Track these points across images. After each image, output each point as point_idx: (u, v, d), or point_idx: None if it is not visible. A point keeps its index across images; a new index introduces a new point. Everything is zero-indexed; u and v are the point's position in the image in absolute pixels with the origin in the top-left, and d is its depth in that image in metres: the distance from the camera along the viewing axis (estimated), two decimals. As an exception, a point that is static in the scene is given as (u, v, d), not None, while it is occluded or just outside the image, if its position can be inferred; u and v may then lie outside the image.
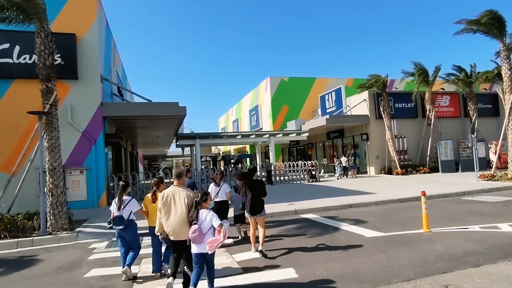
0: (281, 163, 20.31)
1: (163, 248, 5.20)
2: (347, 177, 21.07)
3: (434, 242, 6.03)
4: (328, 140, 27.40)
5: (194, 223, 3.95)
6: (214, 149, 57.33)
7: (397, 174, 20.00)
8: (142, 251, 5.57)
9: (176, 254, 4.36)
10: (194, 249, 3.99)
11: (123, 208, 4.95)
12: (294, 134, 23.65)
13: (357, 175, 21.75)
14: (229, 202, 7.22)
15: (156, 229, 4.41)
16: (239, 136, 22.18)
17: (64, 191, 8.92)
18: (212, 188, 7.14)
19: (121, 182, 5.26)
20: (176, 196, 4.21)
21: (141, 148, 35.29)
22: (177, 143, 21.64)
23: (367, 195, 12.25)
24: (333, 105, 25.03)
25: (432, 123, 21.47)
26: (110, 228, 5.14)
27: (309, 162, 20.11)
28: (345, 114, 23.39)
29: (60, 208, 8.74)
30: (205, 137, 21.18)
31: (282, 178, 19.76)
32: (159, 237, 4.44)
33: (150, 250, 5.34)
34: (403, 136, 22.04)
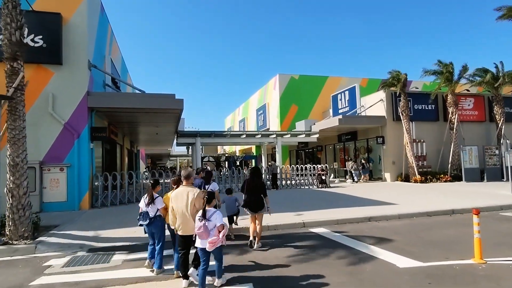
0: (288, 166, 18.64)
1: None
2: (355, 182, 19.37)
3: (498, 280, 4.36)
4: (340, 143, 25.65)
5: (200, 220, 4.17)
6: (220, 150, 55.97)
7: (416, 181, 18.19)
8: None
9: (184, 251, 4.60)
10: (199, 243, 4.25)
11: (150, 205, 5.13)
12: (303, 135, 21.98)
13: (370, 181, 20.02)
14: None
15: (171, 225, 4.76)
16: (244, 136, 20.59)
17: (27, 191, 7.44)
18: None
19: (150, 180, 5.47)
20: (184, 195, 4.54)
21: (143, 146, 34.02)
22: (177, 141, 20.19)
23: (387, 206, 10.56)
24: (346, 105, 23.30)
25: (454, 127, 19.62)
26: (140, 225, 5.27)
27: (319, 166, 18.42)
28: (360, 114, 21.65)
29: (21, 212, 7.27)
30: (206, 135, 19.63)
31: (288, 182, 18.11)
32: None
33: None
34: (422, 140, 20.21)
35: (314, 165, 18.76)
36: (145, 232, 5.32)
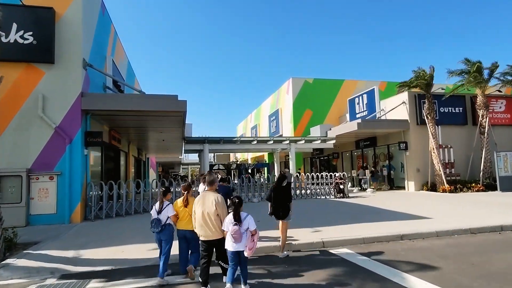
0: (303, 174, 17.21)
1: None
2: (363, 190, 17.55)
3: None
4: (357, 150, 24.06)
5: (234, 224, 4.31)
6: (232, 158, 54.88)
7: (444, 191, 16.46)
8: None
9: (206, 258, 4.56)
10: (230, 247, 4.34)
11: (161, 212, 5.11)
12: (319, 141, 20.54)
13: (391, 190, 18.39)
14: None
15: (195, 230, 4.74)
16: (255, 142, 19.31)
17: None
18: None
19: (161, 188, 5.57)
20: (206, 200, 4.57)
21: (153, 154, 33.19)
22: (185, 148, 19.09)
23: (420, 220, 9.04)
24: (365, 109, 21.80)
25: (486, 131, 17.86)
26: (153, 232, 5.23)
27: (337, 174, 16.91)
28: (380, 118, 20.11)
29: (-11, 228, 6.18)
30: (215, 141, 18.45)
31: (303, 192, 16.67)
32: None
33: None
34: (449, 146, 18.49)
35: (332, 173, 17.26)
36: (156, 241, 5.31)
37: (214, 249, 4.64)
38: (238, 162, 41.62)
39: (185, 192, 5.20)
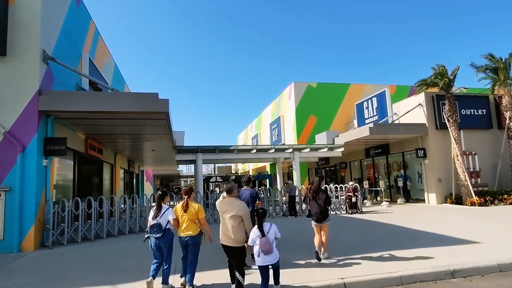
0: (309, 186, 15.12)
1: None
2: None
3: None
4: (367, 159, 21.98)
5: (260, 236, 4.22)
6: (234, 169, 52.82)
7: (472, 204, 14.31)
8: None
9: (229, 260, 4.64)
10: (261, 262, 4.24)
11: (160, 217, 4.91)
12: (326, 149, 18.51)
13: (408, 203, 16.26)
14: None
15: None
16: (254, 151, 17.29)
17: None
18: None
19: (159, 192, 5.21)
20: (229, 207, 4.52)
21: (149, 166, 31.22)
22: (176, 159, 17.11)
23: (466, 246, 6.95)
24: (375, 113, 19.83)
25: (515, 135, 15.81)
26: (147, 238, 4.95)
27: (349, 184, 14.77)
28: (393, 123, 18.11)
29: None
30: (209, 150, 16.41)
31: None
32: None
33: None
34: (473, 152, 16.41)
35: (342, 185, 15.16)
36: (151, 248, 4.99)
37: (234, 260, 4.54)
38: (239, 174, 39.56)
39: (186, 197, 5.00)
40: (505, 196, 14.75)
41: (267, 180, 28.62)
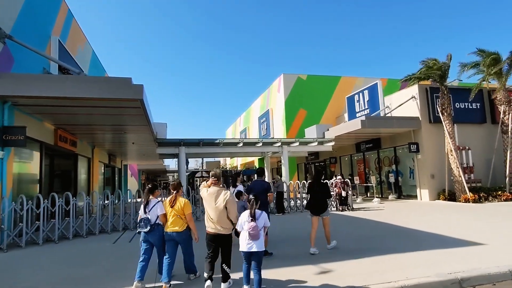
0: (298, 181, 14.39)
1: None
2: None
3: None
4: (358, 154, 21.39)
5: (252, 220, 4.17)
6: (222, 164, 51.83)
7: (466, 201, 13.82)
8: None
9: (212, 253, 4.46)
10: (245, 247, 4.14)
11: (149, 211, 4.73)
12: (316, 143, 17.76)
13: (399, 200, 15.71)
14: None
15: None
16: (241, 144, 16.42)
17: None
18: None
19: (148, 185, 5.05)
20: (216, 195, 4.46)
21: (134, 160, 30.06)
22: (157, 152, 16.12)
23: (470, 248, 6.28)
24: (366, 106, 19.17)
25: (509, 130, 15.34)
26: (138, 232, 4.75)
27: (337, 177, 14.06)
28: (385, 116, 17.48)
29: None
30: (193, 144, 15.46)
31: (298, 202, 13.83)
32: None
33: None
34: (467, 147, 15.91)
35: (333, 179, 14.47)
36: (140, 244, 4.80)
37: (220, 249, 4.48)
38: (226, 169, 38.68)
39: (174, 192, 4.88)
40: (499, 192, 14.31)
41: (255, 175, 27.78)
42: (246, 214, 4.30)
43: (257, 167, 29.53)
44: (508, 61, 15.28)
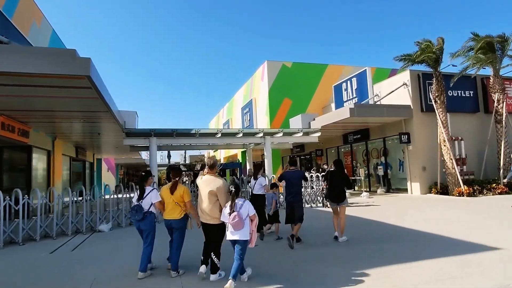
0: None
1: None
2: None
3: None
4: (345, 145, 20.33)
5: (233, 211, 4.11)
6: (207, 157, 50.14)
7: (460, 194, 12.91)
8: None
9: (206, 241, 4.55)
10: (228, 236, 4.16)
11: (143, 199, 4.72)
12: (301, 134, 16.50)
13: (388, 193, 14.72)
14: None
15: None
16: (219, 135, 14.96)
17: None
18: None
19: (141, 172, 5.12)
20: (207, 184, 4.44)
21: (110, 154, 28.24)
22: (125, 143, 14.48)
23: (484, 254, 5.15)
24: (354, 95, 18.04)
25: (503, 120, 14.52)
26: (130, 223, 5.10)
27: (324, 168, 12.89)
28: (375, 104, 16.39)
29: None
30: (166, 134, 13.85)
31: (281, 199, 12.57)
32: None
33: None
34: (460, 138, 15.00)
35: (319, 172, 13.28)
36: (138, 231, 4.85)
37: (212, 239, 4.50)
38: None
39: (177, 178, 4.76)
40: (494, 185, 13.47)
41: (238, 169, 26.45)
42: (227, 206, 4.24)
43: (240, 160, 28.16)
44: (500, 45, 14.42)
